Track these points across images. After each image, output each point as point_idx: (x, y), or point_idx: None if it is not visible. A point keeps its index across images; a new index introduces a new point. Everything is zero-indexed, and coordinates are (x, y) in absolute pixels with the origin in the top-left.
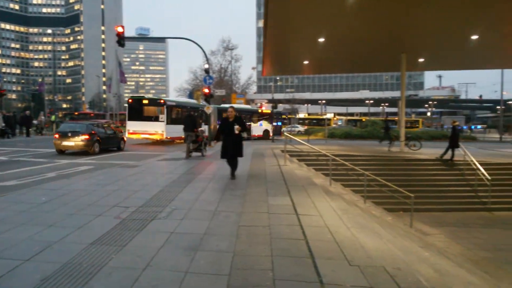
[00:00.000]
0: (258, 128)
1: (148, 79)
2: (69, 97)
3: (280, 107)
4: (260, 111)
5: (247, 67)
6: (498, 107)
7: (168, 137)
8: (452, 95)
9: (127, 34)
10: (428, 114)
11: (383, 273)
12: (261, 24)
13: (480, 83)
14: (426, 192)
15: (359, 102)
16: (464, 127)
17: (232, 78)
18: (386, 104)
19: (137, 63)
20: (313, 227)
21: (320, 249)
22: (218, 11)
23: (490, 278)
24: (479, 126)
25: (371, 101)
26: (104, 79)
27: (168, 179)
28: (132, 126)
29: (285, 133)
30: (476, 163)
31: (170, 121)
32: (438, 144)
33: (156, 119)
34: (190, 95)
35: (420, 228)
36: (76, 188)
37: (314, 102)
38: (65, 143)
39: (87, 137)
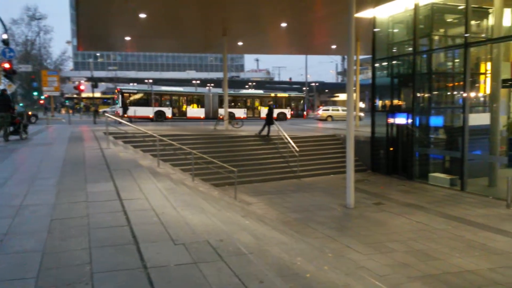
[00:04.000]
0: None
1: None
2: None
3: (102, 86)
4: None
5: (61, 40)
6: (304, 88)
7: None
8: (267, 77)
9: None
10: None
11: (206, 247)
12: None
13: (289, 66)
14: (248, 165)
15: (186, 82)
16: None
17: (42, 52)
18: (212, 84)
19: None
20: (138, 211)
21: (145, 233)
22: None
23: (299, 235)
24: None
25: (198, 82)
26: None
27: None
28: None
29: (106, 114)
30: (288, 137)
31: None
32: (257, 122)
33: None
34: None
35: (243, 198)
36: None
37: (140, 81)
38: None
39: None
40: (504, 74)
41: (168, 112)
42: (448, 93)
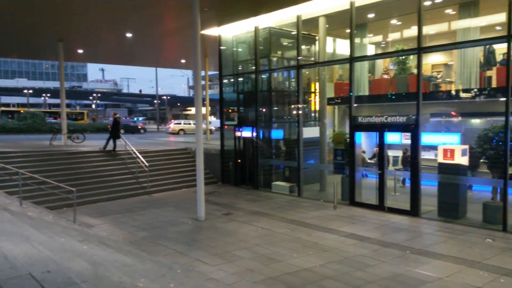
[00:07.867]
0: None
1: None
2: None
3: None
4: None
5: None
6: (155, 101)
7: None
8: (114, 88)
9: None
10: (93, 106)
11: (29, 281)
12: None
13: (139, 78)
14: (91, 184)
15: (16, 91)
16: (128, 118)
17: None
18: (48, 94)
19: None
20: None
21: None
22: None
23: (147, 255)
24: (140, 118)
25: (31, 91)
26: None
27: None
28: None
29: None
30: (136, 152)
31: None
32: (103, 136)
33: None
34: None
35: (85, 221)
36: None
37: None
38: None
39: None
40: (329, 93)
41: None
42: (286, 109)
